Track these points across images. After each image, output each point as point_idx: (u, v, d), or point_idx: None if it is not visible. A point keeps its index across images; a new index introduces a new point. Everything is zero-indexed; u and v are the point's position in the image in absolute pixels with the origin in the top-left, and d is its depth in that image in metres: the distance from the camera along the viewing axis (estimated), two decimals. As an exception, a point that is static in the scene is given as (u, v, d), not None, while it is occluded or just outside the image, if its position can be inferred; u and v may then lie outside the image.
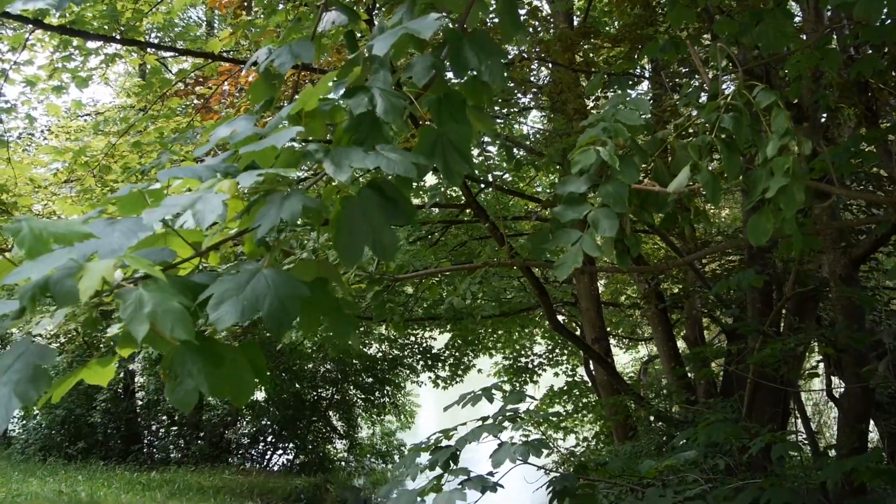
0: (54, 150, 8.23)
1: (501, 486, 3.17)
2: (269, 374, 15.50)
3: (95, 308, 1.50)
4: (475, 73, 1.73)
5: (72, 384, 1.58)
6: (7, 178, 7.87)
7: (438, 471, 3.14)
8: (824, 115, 5.72)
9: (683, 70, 7.72)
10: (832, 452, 6.71)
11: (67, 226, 1.35)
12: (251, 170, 1.52)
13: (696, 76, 6.95)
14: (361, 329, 13.01)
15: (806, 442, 6.63)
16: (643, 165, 1.98)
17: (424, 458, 3.36)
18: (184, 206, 1.39)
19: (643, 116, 1.91)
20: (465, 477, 3.14)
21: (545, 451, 4.68)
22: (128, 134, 7.57)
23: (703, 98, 2.64)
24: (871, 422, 7.67)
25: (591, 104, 7.15)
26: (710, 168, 1.88)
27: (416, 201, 10.00)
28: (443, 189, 7.74)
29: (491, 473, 3.25)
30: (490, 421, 3.31)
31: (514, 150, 7.37)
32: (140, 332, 1.23)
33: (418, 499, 3.12)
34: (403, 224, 1.60)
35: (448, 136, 1.68)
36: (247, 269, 1.39)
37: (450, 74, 1.78)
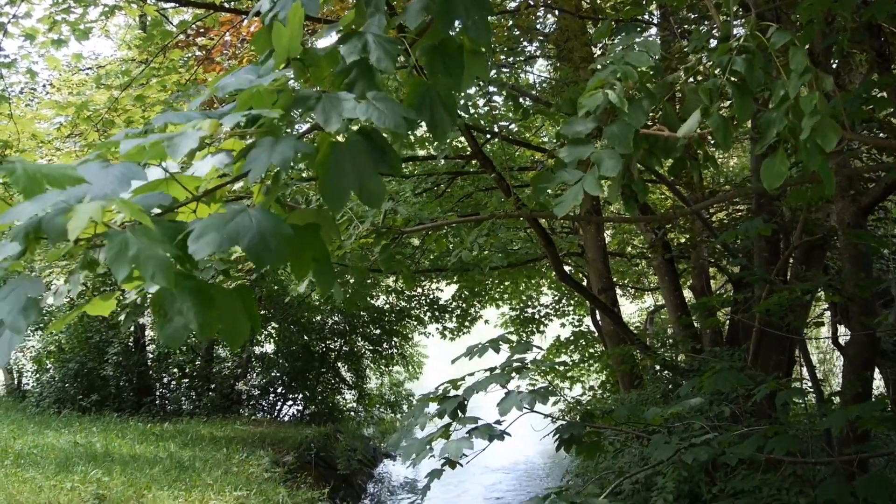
0: (56, 104, 8.16)
1: (509, 434, 3.21)
2: (277, 326, 15.69)
3: (91, 250, 1.49)
4: (461, 26, 1.70)
5: (74, 317, 1.61)
6: (10, 134, 7.83)
7: (447, 419, 3.17)
8: (836, 61, 5.61)
9: (693, 17, 7.57)
10: (836, 400, 6.76)
11: (61, 169, 1.36)
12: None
13: (706, 23, 6.81)
14: (369, 281, 13.06)
15: (811, 389, 6.67)
16: (652, 109, 1.95)
17: (433, 407, 3.39)
18: (161, 140, 1.40)
19: (653, 58, 1.88)
20: (473, 425, 3.17)
21: (552, 400, 4.73)
22: (130, 88, 7.50)
23: (714, 43, 2.59)
24: (876, 370, 7.71)
25: (598, 52, 7.03)
26: (721, 112, 1.85)
27: (421, 153, 9.95)
28: (449, 140, 7.69)
29: (498, 422, 3.29)
30: (497, 371, 3.33)
31: (521, 100, 7.28)
32: (121, 274, 1.24)
33: (427, 446, 3.16)
34: (389, 173, 1.59)
35: (437, 89, 1.67)
36: (233, 208, 1.41)
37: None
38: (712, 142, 2.23)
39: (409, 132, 1.63)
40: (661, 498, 6.96)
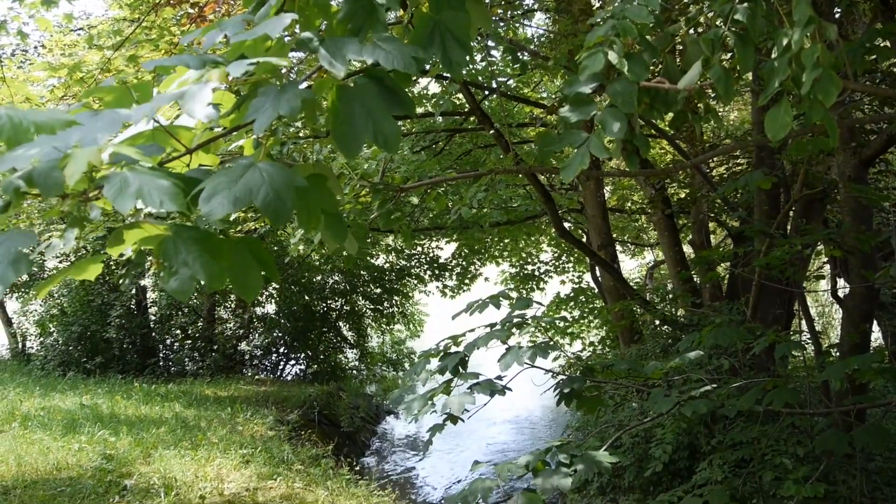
0: (49, 66, 8.06)
1: (510, 389, 3.23)
2: (278, 286, 15.73)
3: (82, 203, 1.46)
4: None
5: (59, 281, 1.56)
6: (2, 97, 7.74)
7: (448, 375, 3.19)
8: (838, 9, 5.53)
9: (693, -34, 7.44)
10: (835, 353, 6.81)
11: (49, 114, 1.30)
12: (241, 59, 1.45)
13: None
14: (370, 241, 13.06)
15: (809, 342, 6.71)
16: (653, 62, 1.92)
17: (434, 364, 3.41)
18: (173, 98, 1.34)
19: (653, 12, 1.84)
20: (475, 381, 3.19)
21: (552, 356, 4.76)
22: (122, 48, 7.40)
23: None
24: (875, 322, 7.75)
25: (598, 3, 6.92)
26: (722, 63, 1.82)
27: (419, 110, 9.86)
28: (448, 96, 7.61)
29: (499, 378, 3.31)
30: (497, 327, 3.34)
31: (519, 55, 7.19)
32: (126, 206, 1.19)
33: (429, 402, 3.19)
34: (403, 114, 1.54)
35: (445, 23, 1.60)
36: (241, 163, 1.34)
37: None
38: (713, 95, 2.20)
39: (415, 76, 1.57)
40: (661, 449, 7.06)
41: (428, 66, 1.70)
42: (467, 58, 1.63)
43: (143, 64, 1.56)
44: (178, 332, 15.43)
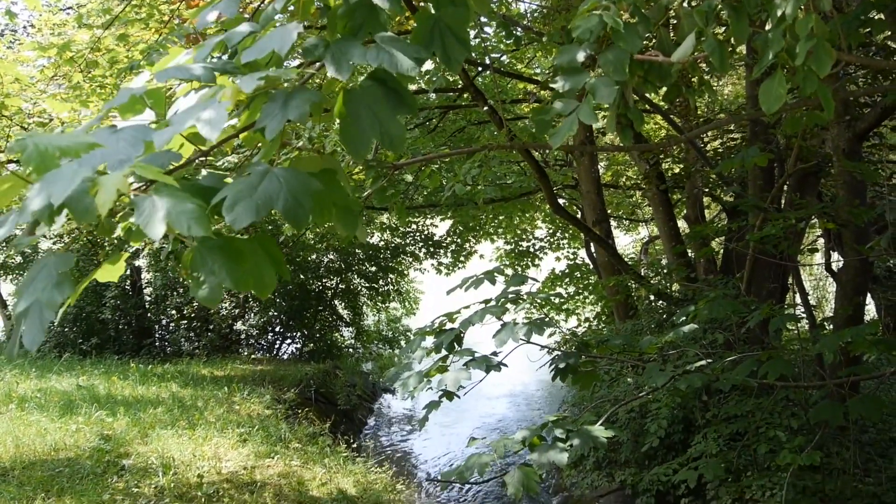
0: (38, 45, 7.97)
1: (505, 365, 3.24)
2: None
3: (110, 216, 1.50)
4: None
5: (86, 284, 1.62)
6: (-7, 79, 7.66)
7: (443, 352, 3.20)
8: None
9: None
10: (829, 325, 6.84)
11: (72, 138, 1.36)
12: (250, 71, 1.50)
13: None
14: (364, 218, 13.04)
15: (803, 316, 6.75)
16: (646, 35, 1.90)
17: (429, 341, 3.42)
18: (187, 116, 1.39)
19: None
20: (470, 357, 3.20)
21: (547, 332, 4.77)
22: (112, 26, 7.32)
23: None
24: (868, 295, 7.80)
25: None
26: (716, 35, 1.80)
27: (412, 87, 9.80)
28: (441, 73, 7.56)
29: (495, 354, 3.32)
30: (492, 303, 3.34)
31: (512, 30, 7.14)
32: (157, 233, 1.25)
33: (424, 379, 3.20)
34: (408, 114, 1.58)
35: (445, 20, 1.64)
36: (257, 170, 1.40)
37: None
38: (707, 69, 2.19)
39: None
40: (656, 424, 7.11)
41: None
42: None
43: (156, 76, 1.59)
44: (174, 312, 15.42)
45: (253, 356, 15.13)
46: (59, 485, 5.29)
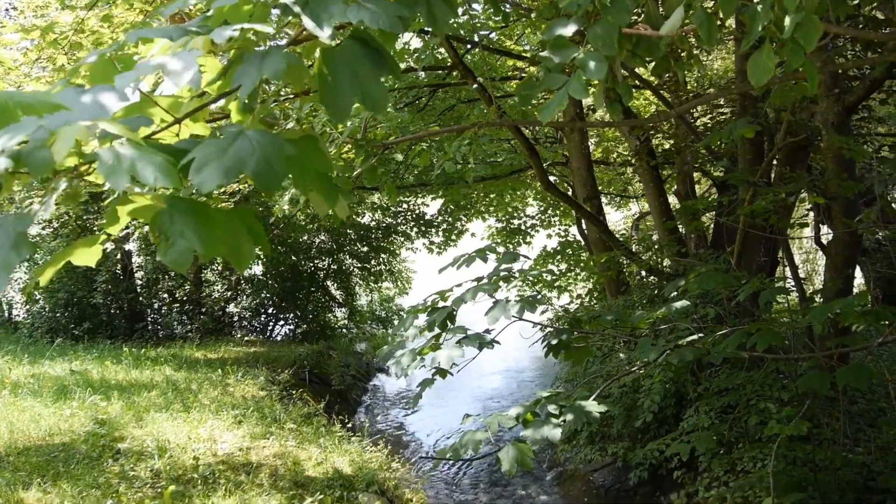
0: (21, 27, 7.87)
1: (498, 342, 3.26)
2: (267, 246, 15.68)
3: (73, 179, 1.46)
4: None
5: (58, 266, 1.57)
6: (-25, 63, 7.58)
7: (436, 330, 3.21)
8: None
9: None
10: (819, 299, 6.89)
11: (35, 96, 1.30)
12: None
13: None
14: (355, 198, 13.01)
15: (793, 288, 6.79)
16: (635, 10, 1.89)
17: (422, 319, 3.42)
18: (156, 67, 1.33)
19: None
20: (463, 335, 3.21)
21: (540, 310, 4.79)
22: (96, 7, 7.22)
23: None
24: (857, 268, 7.85)
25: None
26: (704, 7, 1.79)
27: (402, 66, 9.73)
28: (430, 51, 7.51)
29: (488, 331, 3.33)
30: (485, 281, 3.35)
31: (501, 6, 7.08)
32: (120, 184, 1.20)
33: (417, 357, 3.21)
34: (390, 76, 1.54)
35: None
36: (229, 131, 1.33)
37: None
38: (696, 43, 2.18)
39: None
40: (649, 399, 7.17)
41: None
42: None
43: (127, 36, 1.54)
44: (166, 295, 15.40)
45: (246, 338, 15.14)
46: (55, 469, 5.30)
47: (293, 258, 16.41)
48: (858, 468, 5.29)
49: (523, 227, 16.24)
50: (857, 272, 9.01)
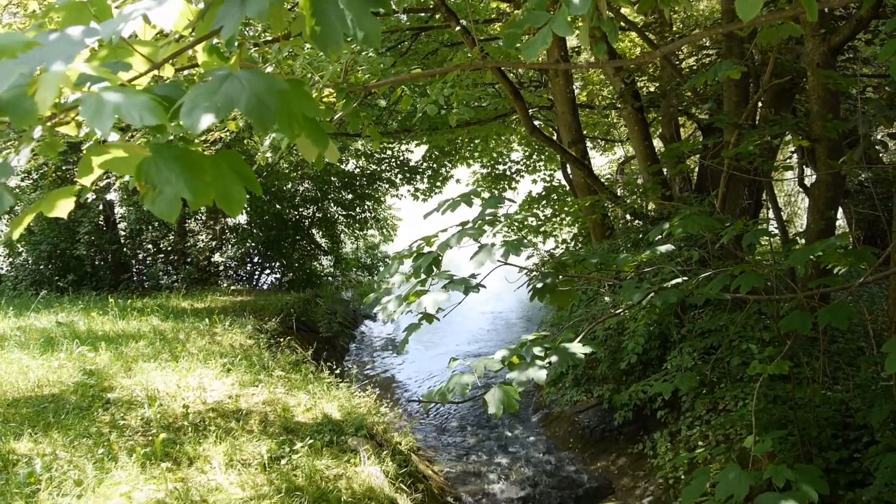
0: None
1: (484, 286, 3.27)
2: (249, 196, 15.56)
3: (53, 128, 1.44)
4: None
5: (30, 217, 1.55)
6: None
7: (422, 275, 3.21)
8: None
9: None
10: (801, 240, 6.95)
11: (9, 36, 1.26)
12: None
13: None
14: (339, 144, 12.89)
15: (776, 230, 6.84)
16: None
17: (407, 264, 3.42)
18: (137, 13, 1.29)
19: None
20: (448, 279, 3.22)
21: (525, 255, 4.80)
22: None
23: None
24: (840, 210, 7.90)
25: None
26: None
27: (382, 10, 9.54)
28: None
29: (473, 276, 3.34)
30: (469, 225, 3.34)
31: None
32: (105, 126, 1.17)
33: (403, 303, 3.22)
34: (381, 8, 1.49)
35: None
36: (218, 74, 1.31)
37: None
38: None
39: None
40: (633, 342, 7.27)
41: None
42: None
43: None
44: (150, 246, 15.32)
45: (232, 287, 15.15)
46: (45, 420, 5.32)
47: (277, 207, 16.33)
48: (837, 405, 5.41)
49: (508, 173, 16.20)
50: (840, 214, 9.09)
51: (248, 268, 16.66)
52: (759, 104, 7.11)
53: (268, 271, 16.93)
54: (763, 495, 2.80)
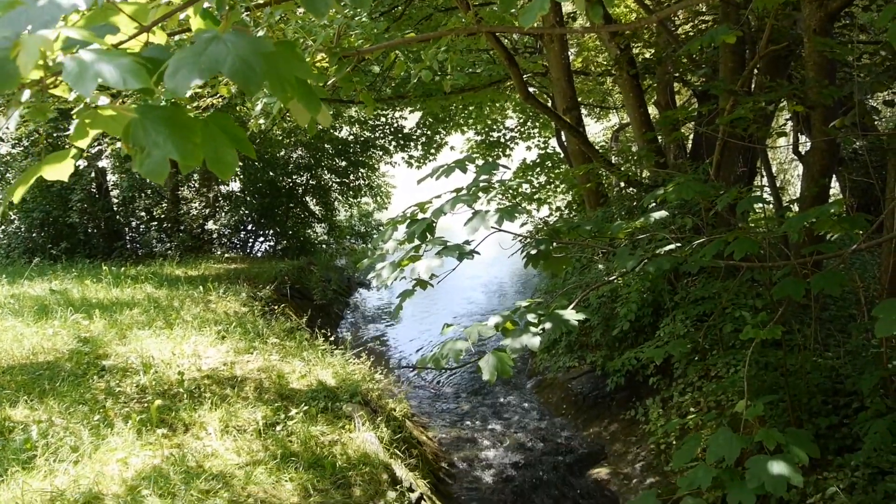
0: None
1: (478, 252, 3.26)
2: (242, 163, 15.46)
3: (41, 92, 1.42)
4: None
5: (30, 182, 1.53)
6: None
7: (416, 242, 3.20)
8: None
9: None
10: (795, 207, 6.96)
11: None
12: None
13: None
14: (332, 110, 12.79)
15: (770, 197, 6.84)
16: None
17: (401, 230, 3.42)
18: None
19: None
20: (442, 246, 3.21)
21: (519, 222, 4.79)
22: None
23: None
24: (834, 177, 7.90)
25: None
26: None
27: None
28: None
29: (467, 242, 3.33)
30: (464, 191, 3.33)
31: None
32: (88, 89, 1.15)
33: (397, 269, 3.22)
34: None
35: None
36: (203, 37, 1.28)
37: None
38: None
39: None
40: (626, 308, 7.30)
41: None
42: None
43: None
44: (143, 214, 15.26)
45: (226, 255, 15.12)
46: (41, 387, 5.34)
47: (271, 174, 16.25)
48: (827, 372, 5.46)
49: (503, 140, 16.12)
50: (834, 181, 9.09)
51: (242, 235, 16.62)
52: (755, 71, 7.06)
53: (261, 239, 16.91)
54: (754, 458, 2.84)
